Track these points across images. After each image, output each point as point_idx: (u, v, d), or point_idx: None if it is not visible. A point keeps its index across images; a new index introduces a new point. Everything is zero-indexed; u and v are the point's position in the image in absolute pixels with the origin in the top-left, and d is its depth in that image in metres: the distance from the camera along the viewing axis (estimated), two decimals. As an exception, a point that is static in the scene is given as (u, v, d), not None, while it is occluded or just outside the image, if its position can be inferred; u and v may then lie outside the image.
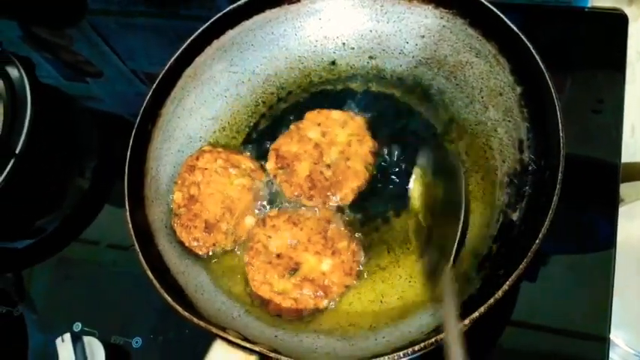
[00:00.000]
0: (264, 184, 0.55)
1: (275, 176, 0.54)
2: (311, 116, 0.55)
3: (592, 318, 0.52)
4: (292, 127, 0.55)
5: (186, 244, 0.52)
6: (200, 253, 0.52)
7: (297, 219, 0.51)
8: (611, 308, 0.53)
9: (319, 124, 0.54)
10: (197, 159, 0.55)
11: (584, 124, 0.64)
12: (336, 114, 0.55)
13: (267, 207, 0.54)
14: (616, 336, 0.72)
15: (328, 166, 0.53)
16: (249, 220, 0.53)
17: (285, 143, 0.55)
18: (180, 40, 0.60)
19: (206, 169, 0.54)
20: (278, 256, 0.49)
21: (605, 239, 0.56)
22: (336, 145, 0.53)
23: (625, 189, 0.81)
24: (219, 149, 0.56)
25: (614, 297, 0.72)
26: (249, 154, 0.57)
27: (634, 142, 0.82)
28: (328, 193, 0.52)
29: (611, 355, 0.73)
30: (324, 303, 0.47)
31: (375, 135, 0.54)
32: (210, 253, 0.52)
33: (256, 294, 0.49)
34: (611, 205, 0.58)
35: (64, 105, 0.87)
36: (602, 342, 0.51)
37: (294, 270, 0.48)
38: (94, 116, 0.86)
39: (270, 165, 0.55)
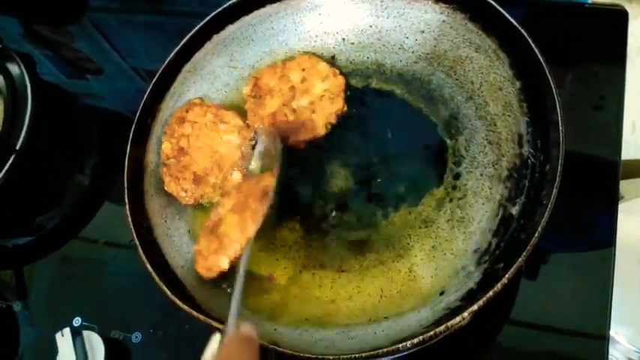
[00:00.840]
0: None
1: (246, 101, 0.57)
2: (301, 59, 0.57)
3: (592, 316, 0.52)
4: (280, 63, 0.58)
5: (174, 195, 0.54)
6: (186, 203, 0.54)
7: None
8: (611, 307, 0.53)
9: (304, 70, 0.56)
10: (187, 111, 0.57)
11: (585, 120, 0.64)
12: (322, 66, 0.56)
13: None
14: (617, 333, 0.72)
15: (294, 110, 0.55)
16: (236, 176, 0.54)
17: (267, 75, 0.57)
18: (181, 36, 0.60)
19: (196, 122, 0.56)
20: None
21: (605, 237, 0.56)
22: (309, 95, 0.55)
23: (625, 186, 0.81)
24: (209, 103, 0.58)
25: (615, 294, 0.73)
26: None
27: (634, 139, 0.82)
28: (283, 134, 0.54)
29: (613, 352, 0.73)
30: None
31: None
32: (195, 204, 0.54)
33: None
34: (611, 203, 0.58)
35: (64, 102, 0.87)
36: (602, 340, 0.51)
37: None
38: (94, 113, 0.86)
39: (245, 90, 0.57)
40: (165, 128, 0.57)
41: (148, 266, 0.46)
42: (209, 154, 0.55)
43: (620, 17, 0.63)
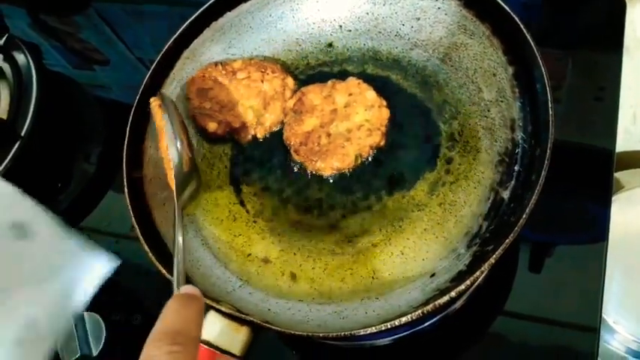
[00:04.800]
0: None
1: (286, 114, 0.56)
2: (351, 83, 0.56)
3: (583, 308, 0.53)
4: (330, 82, 0.56)
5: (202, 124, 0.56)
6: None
7: None
8: (602, 299, 0.53)
9: (350, 94, 0.55)
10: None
11: (586, 112, 0.64)
12: (370, 94, 0.54)
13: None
14: (616, 322, 0.72)
15: (329, 134, 0.54)
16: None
17: (314, 92, 0.56)
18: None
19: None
20: None
21: (598, 230, 0.56)
22: (349, 122, 0.54)
23: (625, 176, 0.81)
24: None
25: (615, 284, 0.73)
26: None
27: (635, 129, 0.82)
28: (312, 157, 0.53)
29: (612, 341, 0.74)
30: None
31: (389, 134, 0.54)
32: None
33: None
34: (605, 195, 0.58)
35: (70, 91, 0.88)
36: (593, 332, 0.51)
37: None
38: (100, 103, 0.87)
39: (290, 103, 0.56)
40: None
41: (145, 246, 0.47)
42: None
43: (618, 7, 0.63)
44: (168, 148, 0.48)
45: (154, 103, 0.52)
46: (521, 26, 0.48)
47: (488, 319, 0.55)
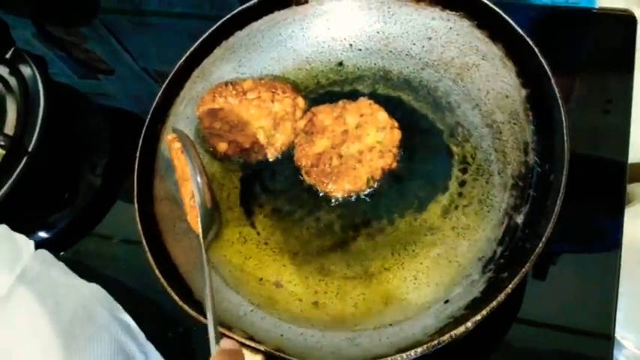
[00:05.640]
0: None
1: (297, 134, 0.56)
2: (362, 104, 0.55)
3: (597, 316, 0.52)
4: (341, 103, 0.56)
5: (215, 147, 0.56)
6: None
7: None
8: (617, 306, 0.53)
9: (362, 115, 0.54)
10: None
11: (593, 124, 0.63)
12: (381, 115, 0.54)
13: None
14: (623, 337, 0.72)
15: (340, 156, 0.53)
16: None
17: (325, 113, 0.56)
18: (192, 38, 0.60)
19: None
20: None
21: (611, 239, 0.56)
22: (360, 143, 0.53)
23: (635, 189, 0.81)
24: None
25: (621, 298, 0.72)
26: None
27: (645, 142, 0.81)
28: (323, 179, 0.53)
29: (619, 357, 0.73)
30: None
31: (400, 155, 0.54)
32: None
33: None
34: (617, 206, 0.58)
35: (76, 103, 0.88)
36: (607, 340, 0.51)
37: None
38: (105, 114, 0.87)
39: (300, 123, 0.56)
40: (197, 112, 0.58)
41: (157, 272, 0.47)
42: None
43: (629, 22, 0.62)
44: (193, 188, 0.49)
45: (172, 142, 0.52)
46: (536, 50, 0.48)
47: (501, 326, 0.54)
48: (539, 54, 0.48)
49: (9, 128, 0.75)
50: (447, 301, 0.46)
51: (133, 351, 0.52)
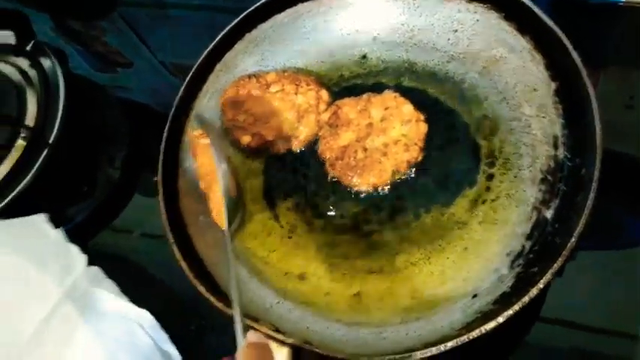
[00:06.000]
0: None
1: (321, 127, 0.55)
2: (387, 96, 0.55)
3: (621, 314, 0.51)
4: (366, 96, 0.55)
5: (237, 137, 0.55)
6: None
7: None
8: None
9: (386, 108, 0.54)
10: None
11: (616, 119, 0.63)
12: (407, 108, 0.53)
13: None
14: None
15: (365, 149, 0.53)
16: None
17: (349, 106, 0.55)
18: (211, 31, 0.60)
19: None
20: None
21: (634, 235, 0.55)
22: (385, 136, 0.53)
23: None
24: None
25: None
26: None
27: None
28: (348, 172, 0.52)
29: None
30: None
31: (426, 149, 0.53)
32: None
33: None
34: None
35: (94, 95, 0.88)
36: (631, 339, 0.50)
37: None
38: (123, 106, 0.87)
39: (324, 116, 0.56)
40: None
41: (183, 264, 0.47)
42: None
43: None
44: (217, 175, 0.48)
45: (196, 138, 0.52)
46: (567, 42, 0.47)
47: (523, 324, 0.54)
48: (570, 47, 0.47)
49: (29, 120, 0.76)
50: (474, 296, 0.45)
51: None
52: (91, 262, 0.60)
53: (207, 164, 0.52)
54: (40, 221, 0.59)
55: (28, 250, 0.55)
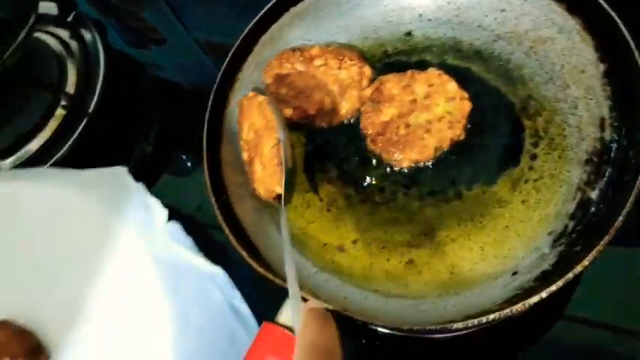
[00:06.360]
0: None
1: (363, 103, 0.55)
2: (431, 74, 0.54)
3: None
4: (410, 72, 0.55)
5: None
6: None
7: None
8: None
9: (431, 85, 0.53)
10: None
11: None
12: (451, 86, 0.53)
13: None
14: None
15: (408, 125, 0.53)
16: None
17: (392, 82, 0.55)
18: (248, 10, 0.60)
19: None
20: None
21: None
22: (429, 113, 0.52)
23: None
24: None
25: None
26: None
27: None
28: (390, 148, 0.52)
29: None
30: None
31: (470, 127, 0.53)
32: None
33: None
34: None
35: (130, 69, 0.89)
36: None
37: None
38: (156, 83, 0.88)
39: (367, 91, 0.56)
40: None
41: (227, 230, 0.48)
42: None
43: None
44: (280, 139, 0.48)
45: (245, 100, 0.53)
46: (619, 23, 0.46)
47: (543, 321, 0.53)
48: (622, 28, 0.46)
49: (70, 88, 0.77)
50: (515, 273, 0.45)
51: (244, 339, 0.52)
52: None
53: (253, 132, 0.52)
54: (122, 173, 0.59)
55: (110, 200, 0.56)
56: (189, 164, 0.77)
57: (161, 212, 0.56)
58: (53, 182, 0.59)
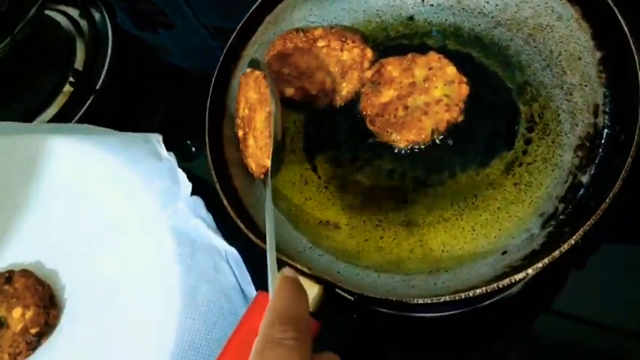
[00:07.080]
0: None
1: (363, 84, 0.56)
2: (432, 57, 0.55)
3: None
4: (410, 55, 0.56)
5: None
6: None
7: None
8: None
9: (430, 69, 0.54)
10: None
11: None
12: (450, 70, 0.54)
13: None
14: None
15: (406, 107, 0.54)
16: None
17: (393, 65, 0.56)
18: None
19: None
20: None
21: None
22: (427, 96, 0.54)
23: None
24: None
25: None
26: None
27: None
28: (388, 128, 0.53)
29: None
30: None
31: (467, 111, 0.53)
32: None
33: None
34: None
35: (137, 52, 0.90)
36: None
37: None
38: (163, 66, 0.89)
39: (368, 73, 0.57)
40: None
41: (227, 203, 0.49)
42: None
43: None
44: (271, 110, 0.49)
45: (246, 77, 0.53)
46: (616, 12, 0.47)
47: (540, 317, 0.54)
48: (619, 16, 0.47)
49: (78, 66, 0.78)
50: (504, 253, 0.46)
51: None
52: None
53: (247, 108, 0.53)
54: (155, 140, 0.60)
55: (139, 165, 0.56)
56: (193, 149, 0.78)
57: (186, 185, 0.56)
58: (90, 140, 0.60)
